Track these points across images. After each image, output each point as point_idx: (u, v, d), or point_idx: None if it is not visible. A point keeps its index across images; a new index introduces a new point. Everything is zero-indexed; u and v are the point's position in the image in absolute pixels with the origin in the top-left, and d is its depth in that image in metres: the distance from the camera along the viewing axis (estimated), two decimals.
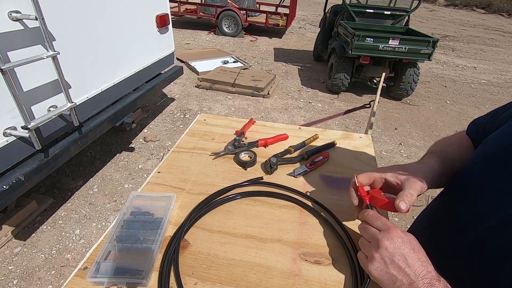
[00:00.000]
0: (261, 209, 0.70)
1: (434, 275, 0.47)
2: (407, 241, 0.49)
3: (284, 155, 0.89)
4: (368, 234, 0.53)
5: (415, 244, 0.50)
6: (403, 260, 0.47)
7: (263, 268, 0.57)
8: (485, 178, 0.53)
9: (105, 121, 2.10)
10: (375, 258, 0.49)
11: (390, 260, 0.48)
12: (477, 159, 0.57)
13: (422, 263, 0.47)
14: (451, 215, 0.59)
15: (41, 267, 1.83)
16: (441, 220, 0.63)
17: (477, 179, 0.55)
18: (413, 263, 0.47)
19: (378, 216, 0.54)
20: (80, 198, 2.36)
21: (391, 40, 3.80)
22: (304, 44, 7.38)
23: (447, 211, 0.61)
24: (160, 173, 0.81)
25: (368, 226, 0.53)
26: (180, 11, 7.55)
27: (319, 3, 12.46)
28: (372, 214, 0.55)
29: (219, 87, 4.36)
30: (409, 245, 0.49)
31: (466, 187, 0.57)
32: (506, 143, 0.52)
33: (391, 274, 0.48)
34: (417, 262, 0.47)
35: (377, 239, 0.50)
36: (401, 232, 0.50)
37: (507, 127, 0.55)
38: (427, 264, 0.48)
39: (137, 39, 2.41)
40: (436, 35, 8.10)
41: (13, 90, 1.31)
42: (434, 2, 17.54)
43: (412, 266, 0.47)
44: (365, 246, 0.53)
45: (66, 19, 1.67)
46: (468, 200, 0.55)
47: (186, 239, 0.62)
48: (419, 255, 0.48)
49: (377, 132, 3.68)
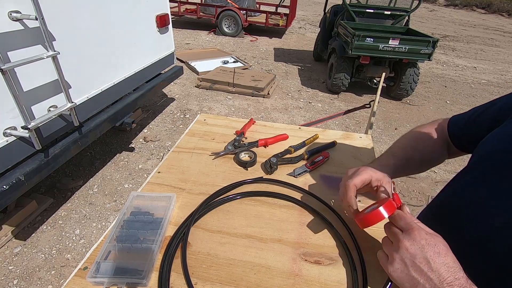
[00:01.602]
0: (261, 209, 0.70)
1: (463, 282, 0.43)
2: (432, 243, 0.46)
3: (284, 155, 0.89)
4: (391, 233, 0.51)
5: (442, 247, 0.46)
6: (426, 263, 0.44)
7: (263, 268, 0.57)
8: (488, 179, 0.54)
9: (105, 121, 2.10)
10: (394, 259, 0.47)
11: (411, 262, 0.45)
12: (480, 161, 0.58)
13: (448, 269, 0.44)
14: (454, 212, 0.59)
15: (41, 267, 1.83)
16: (445, 217, 0.62)
17: (480, 180, 0.55)
18: (438, 268, 0.44)
19: (402, 216, 0.51)
20: (80, 198, 2.35)
21: (391, 40, 3.80)
22: (304, 44, 7.38)
23: (451, 209, 0.61)
24: (160, 173, 0.81)
25: (391, 225, 0.52)
26: (180, 11, 7.55)
27: (319, 3, 12.46)
28: (398, 213, 0.52)
29: (219, 87, 4.36)
30: (434, 247, 0.45)
31: (469, 187, 0.57)
32: (507, 144, 0.53)
33: (412, 277, 0.45)
34: (442, 267, 0.44)
35: (398, 239, 0.48)
36: (426, 233, 0.47)
37: (508, 128, 0.56)
38: (455, 270, 0.44)
39: (137, 39, 2.41)
40: (436, 35, 8.10)
41: (13, 90, 1.31)
42: (434, 2, 17.54)
43: (436, 271, 0.43)
44: (386, 246, 0.51)
45: (66, 19, 1.67)
46: (472, 199, 0.56)
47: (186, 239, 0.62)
48: (445, 260, 0.44)
49: (377, 132, 3.68)
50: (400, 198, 0.57)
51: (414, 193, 2.66)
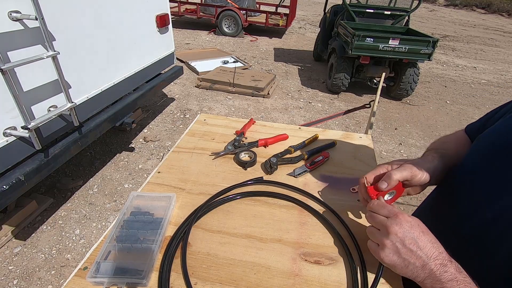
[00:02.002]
0: (261, 209, 0.70)
1: (445, 256, 0.47)
2: (416, 224, 0.50)
3: (284, 155, 0.89)
4: (376, 222, 0.53)
5: (423, 227, 0.50)
6: (414, 243, 0.48)
7: (263, 268, 0.57)
8: (478, 172, 0.56)
9: (105, 121, 2.10)
10: (386, 244, 0.49)
11: (401, 244, 0.48)
12: (471, 155, 0.61)
13: (433, 245, 0.48)
14: (450, 205, 0.61)
15: (41, 267, 1.83)
16: (442, 209, 0.64)
17: (470, 174, 0.58)
18: (424, 245, 0.47)
19: (383, 204, 0.54)
20: (80, 198, 2.35)
21: (391, 40, 3.80)
22: (304, 44, 7.38)
23: (447, 202, 0.63)
24: (160, 173, 0.81)
25: (375, 214, 0.54)
26: (180, 11, 7.55)
27: (319, 3, 12.46)
28: (378, 203, 0.55)
29: (219, 87, 4.36)
30: (418, 228, 0.49)
31: (462, 181, 0.59)
32: (495, 138, 0.56)
33: (403, 259, 0.48)
34: (428, 244, 0.48)
35: (385, 226, 0.50)
36: (408, 216, 0.51)
37: (497, 124, 0.59)
38: (438, 246, 0.48)
39: (137, 39, 2.41)
40: (436, 35, 8.10)
41: (13, 90, 1.31)
42: (434, 2, 17.54)
43: (424, 248, 0.47)
44: (374, 234, 0.53)
45: (66, 19, 1.67)
46: (464, 193, 0.58)
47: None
48: (429, 237, 0.49)
49: (377, 132, 3.68)
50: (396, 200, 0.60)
51: None
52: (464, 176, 0.59)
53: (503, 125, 0.57)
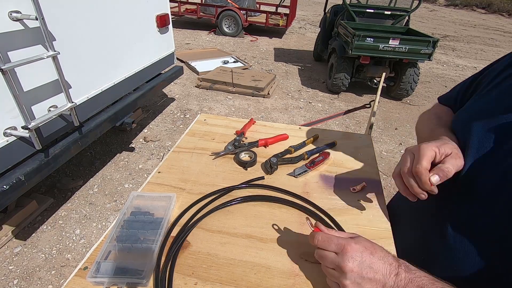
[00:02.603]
0: (261, 209, 0.70)
1: (394, 263, 0.48)
2: (363, 248, 0.49)
3: (284, 155, 0.89)
4: (329, 263, 0.50)
5: (369, 245, 0.50)
6: (370, 270, 0.47)
7: (263, 268, 0.57)
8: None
9: (105, 121, 2.10)
10: (347, 285, 0.48)
11: (360, 278, 0.47)
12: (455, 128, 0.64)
13: (384, 261, 0.48)
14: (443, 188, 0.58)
15: (42, 267, 1.83)
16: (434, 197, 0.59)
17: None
18: (378, 267, 0.48)
19: (329, 238, 0.51)
20: (80, 198, 2.36)
21: (391, 40, 3.80)
22: (304, 44, 7.38)
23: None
24: (160, 173, 0.81)
25: (325, 254, 0.51)
26: (180, 11, 7.55)
27: (319, 3, 12.46)
28: (322, 237, 0.52)
29: (219, 87, 4.36)
30: (367, 251, 0.49)
31: None
32: (472, 112, 0.61)
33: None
34: (380, 263, 0.48)
35: (340, 266, 0.48)
36: (354, 243, 0.49)
37: (472, 100, 0.65)
38: (387, 258, 0.49)
39: (137, 39, 2.41)
40: (436, 35, 8.09)
41: (13, 90, 1.31)
42: (434, 2, 17.54)
43: (379, 270, 0.47)
44: (332, 275, 0.50)
45: (67, 19, 1.67)
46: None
47: (186, 239, 0.62)
48: (377, 255, 0.49)
49: (377, 132, 3.68)
50: None
51: None
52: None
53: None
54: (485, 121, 0.56)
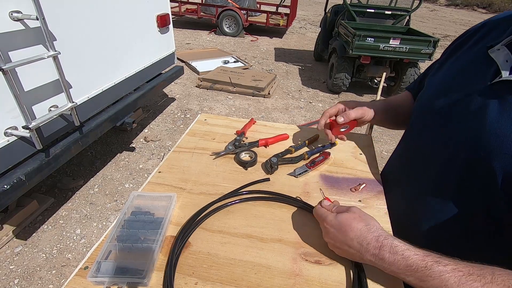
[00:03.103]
0: (261, 209, 0.71)
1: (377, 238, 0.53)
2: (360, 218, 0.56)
3: (284, 155, 0.89)
4: (325, 216, 0.60)
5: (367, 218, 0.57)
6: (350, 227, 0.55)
7: (264, 268, 0.57)
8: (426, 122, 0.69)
9: (106, 121, 2.10)
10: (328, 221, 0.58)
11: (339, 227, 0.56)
12: (416, 111, 0.76)
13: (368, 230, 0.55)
14: (419, 148, 0.72)
15: (42, 267, 1.83)
16: (413, 155, 0.75)
17: (421, 123, 0.71)
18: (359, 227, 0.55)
19: (335, 205, 0.62)
20: (80, 198, 2.36)
21: (392, 40, 3.80)
22: (304, 44, 7.38)
23: (415, 148, 0.74)
24: (160, 173, 0.81)
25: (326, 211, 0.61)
26: (181, 11, 7.55)
27: (320, 2, 12.45)
28: (329, 204, 0.63)
29: (219, 87, 4.36)
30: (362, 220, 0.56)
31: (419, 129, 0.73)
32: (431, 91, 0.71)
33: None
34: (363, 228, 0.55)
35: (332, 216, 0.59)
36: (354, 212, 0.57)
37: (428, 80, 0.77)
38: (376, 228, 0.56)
39: (137, 39, 2.41)
40: (437, 35, 8.08)
41: (14, 90, 1.31)
42: (435, 2, 17.52)
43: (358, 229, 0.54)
44: (322, 220, 0.61)
45: (67, 19, 1.67)
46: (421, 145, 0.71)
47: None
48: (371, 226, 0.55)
49: (378, 132, 3.68)
50: None
51: None
52: (416, 133, 0.74)
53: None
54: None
